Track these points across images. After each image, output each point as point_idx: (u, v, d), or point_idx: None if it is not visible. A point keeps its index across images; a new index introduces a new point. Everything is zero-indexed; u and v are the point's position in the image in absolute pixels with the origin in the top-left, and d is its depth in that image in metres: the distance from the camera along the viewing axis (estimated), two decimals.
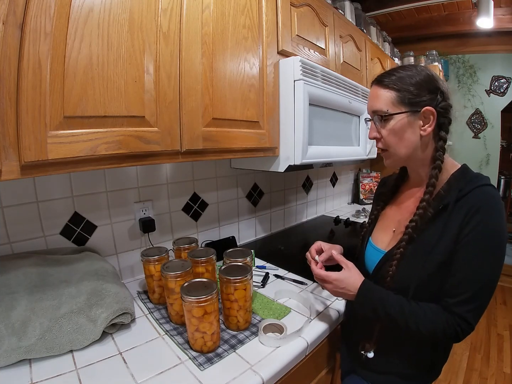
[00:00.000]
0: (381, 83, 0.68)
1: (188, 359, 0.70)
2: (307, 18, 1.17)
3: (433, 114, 0.64)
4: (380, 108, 0.67)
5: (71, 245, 0.97)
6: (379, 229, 0.82)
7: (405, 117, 0.65)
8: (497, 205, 0.61)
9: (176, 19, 0.73)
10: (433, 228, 0.65)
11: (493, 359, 1.99)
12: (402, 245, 0.67)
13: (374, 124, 0.71)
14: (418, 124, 0.66)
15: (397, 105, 0.65)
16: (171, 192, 1.20)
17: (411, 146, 0.67)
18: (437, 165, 0.66)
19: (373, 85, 0.71)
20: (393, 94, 0.66)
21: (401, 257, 0.67)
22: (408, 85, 0.65)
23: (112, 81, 0.63)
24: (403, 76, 0.66)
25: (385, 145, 0.70)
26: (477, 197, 0.61)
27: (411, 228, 0.66)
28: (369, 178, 2.54)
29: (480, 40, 2.67)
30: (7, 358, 0.63)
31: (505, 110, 2.82)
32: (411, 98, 0.64)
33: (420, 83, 0.65)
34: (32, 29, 0.51)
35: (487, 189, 0.62)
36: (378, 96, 0.68)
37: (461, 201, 0.62)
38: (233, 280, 0.76)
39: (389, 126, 0.67)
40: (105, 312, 0.75)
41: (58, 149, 0.56)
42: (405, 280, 0.66)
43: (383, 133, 0.68)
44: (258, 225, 1.64)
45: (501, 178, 3.53)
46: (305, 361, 0.80)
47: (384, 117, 0.67)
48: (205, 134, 0.83)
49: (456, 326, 0.60)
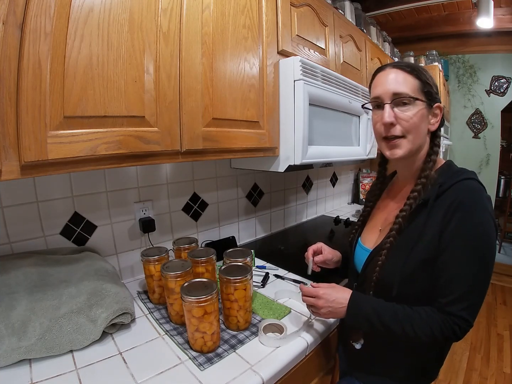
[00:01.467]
0: (404, 69, 0.66)
1: (188, 359, 0.70)
2: (307, 18, 1.17)
3: (441, 111, 0.67)
4: (406, 91, 0.64)
5: (71, 245, 0.97)
6: (367, 230, 0.82)
7: (424, 108, 0.65)
8: (479, 199, 0.60)
9: (176, 19, 0.73)
10: (414, 224, 0.65)
11: (493, 359, 1.99)
12: (392, 234, 0.67)
13: (390, 108, 0.66)
14: (429, 118, 0.67)
15: (420, 94, 0.65)
16: (171, 192, 1.20)
17: (424, 137, 0.68)
18: (433, 159, 0.67)
19: (389, 68, 0.67)
20: (417, 82, 0.65)
21: (387, 252, 0.67)
22: (427, 78, 0.66)
23: (112, 81, 0.63)
24: (422, 70, 0.67)
25: (405, 130, 0.65)
26: (458, 192, 0.60)
27: (401, 217, 0.66)
28: (369, 178, 2.54)
29: (480, 40, 2.67)
30: (7, 358, 0.63)
31: (505, 110, 2.83)
32: (431, 92, 0.66)
33: (433, 80, 0.67)
34: (32, 29, 0.51)
35: (468, 183, 0.61)
36: (403, 79, 0.65)
37: (441, 196, 0.62)
38: (233, 280, 0.76)
39: (412, 112, 0.64)
40: (105, 312, 0.75)
41: (58, 149, 0.56)
42: (390, 276, 0.66)
43: (405, 117, 0.64)
44: (258, 225, 1.64)
45: (501, 178, 3.53)
46: (305, 361, 0.80)
47: (412, 99, 0.64)
48: (205, 134, 0.83)
49: (453, 325, 0.59)
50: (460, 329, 0.60)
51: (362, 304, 0.68)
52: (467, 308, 0.59)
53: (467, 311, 0.59)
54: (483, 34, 2.55)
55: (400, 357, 0.71)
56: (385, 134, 0.67)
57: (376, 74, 0.71)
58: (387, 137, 0.68)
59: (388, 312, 0.64)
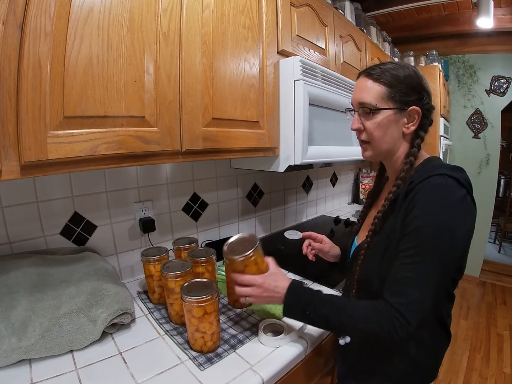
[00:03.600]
0: (371, 76, 0.66)
1: (188, 359, 0.70)
2: (307, 18, 1.17)
3: (418, 114, 0.66)
4: (369, 101, 0.66)
5: (71, 245, 0.97)
6: (363, 228, 0.83)
7: (392, 114, 0.65)
8: (441, 196, 0.57)
9: (176, 19, 0.73)
10: (389, 223, 0.66)
11: (493, 359, 1.99)
12: (369, 234, 0.69)
13: (358, 116, 0.70)
14: (403, 121, 0.67)
15: (386, 101, 0.65)
16: (171, 192, 1.20)
17: (392, 141, 0.68)
18: (409, 160, 0.66)
19: (361, 76, 0.70)
20: (383, 89, 0.65)
21: (367, 247, 0.69)
22: (399, 82, 0.65)
23: (112, 81, 0.63)
24: (395, 73, 0.65)
25: (368, 138, 0.69)
26: (420, 190, 0.59)
27: (377, 218, 0.68)
28: (369, 178, 2.54)
29: (480, 40, 2.67)
30: (7, 358, 0.63)
31: (505, 110, 2.82)
32: (401, 96, 0.65)
33: (410, 83, 0.65)
34: (32, 29, 0.51)
35: (434, 179, 0.59)
36: (368, 88, 0.67)
37: (409, 194, 0.62)
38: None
39: (376, 120, 0.66)
40: (105, 312, 0.75)
41: (58, 149, 0.56)
42: (369, 272, 0.68)
43: (368, 126, 0.68)
44: (258, 225, 1.64)
45: (501, 178, 3.53)
46: (305, 361, 0.80)
47: (372, 110, 0.66)
48: (205, 134, 0.83)
49: (393, 319, 0.57)
50: (400, 325, 0.57)
51: (299, 294, 0.68)
52: (406, 304, 0.57)
53: (405, 307, 0.57)
54: (483, 34, 2.55)
55: (389, 355, 0.69)
56: (357, 137, 0.74)
57: (356, 80, 0.73)
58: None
59: (326, 304, 0.65)
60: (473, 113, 2.93)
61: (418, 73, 0.67)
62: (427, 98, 0.66)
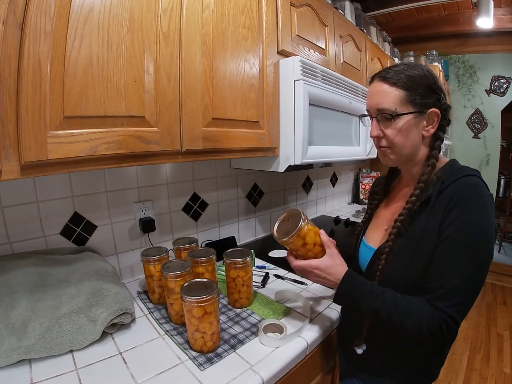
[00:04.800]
0: (387, 80, 0.64)
1: (188, 359, 0.70)
2: (307, 18, 1.17)
3: (438, 116, 0.65)
4: (388, 106, 0.64)
5: (71, 245, 0.97)
6: (372, 228, 0.82)
7: (412, 118, 0.64)
8: (478, 195, 0.59)
9: (176, 19, 0.73)
10: (418, 222, 0.65)
11: (493, 359, 1.99)
12: (390, 238, 0.67)
13: (376, 122, 0.68)
14: (422, 124, 0.65)
15: (405, 105, 0.63)
16: (171, 192, 1.20)
17: (414, 146, 0.67)
18: (432, 163, 0.66)
19: (375, 80, 0.67)
20: (401, 93, 0.63)
21: (390, 251, 0.66)
22: (417, 84, 0.63)
23: (112, 81, 0.63)
24: (412, 75, 0.63)
25: (389, 144, 0.67)
26: (457, 189, 0.60)
27: (399, 221, 0.66)
28: (369, 178, 2.54)
29: (480, 40, 2.67)
30: (7, 358, 0.63)
31: (505, 110, 2.83)
32: (420, 99, 0.63)
33: (427, 83, 0.64)
34: (32, 29, 0.51)
35: (469, 179, 0.60)
36: (385, 93, 0.64)
37: (442, 194, 0.61)
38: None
39: (396, 125, 0.64)
40: (105, 312, 0.75)
41: (58, 149, 0.56)
42: (394, 275, 0.66)
43: (389, 132, 0.66)
44: (258, 225, 1.64)
45: (501, 178, 3.53)
46: (305, 361, 0.80)
47: (393, 116, 0.64)
48: (205, 134, 0.83)
49: (441, 321, 0.57)
50: (447, 327, 0.57)
51: (353, 284, 0.67)
52: (455, 305, 0.57)
53: (455, 309, 0.57)
54: (483, 34, 2.55)
55: (401, 359, 0.70)
56: (376, 144, 0.72)
57: (369, 85, 0.71)
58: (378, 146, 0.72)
59: (379, 298, 0.63)
60: (473, 113, 2.93)
61: (432, 72, 0.66)
62: (444, 98, 0.65)
